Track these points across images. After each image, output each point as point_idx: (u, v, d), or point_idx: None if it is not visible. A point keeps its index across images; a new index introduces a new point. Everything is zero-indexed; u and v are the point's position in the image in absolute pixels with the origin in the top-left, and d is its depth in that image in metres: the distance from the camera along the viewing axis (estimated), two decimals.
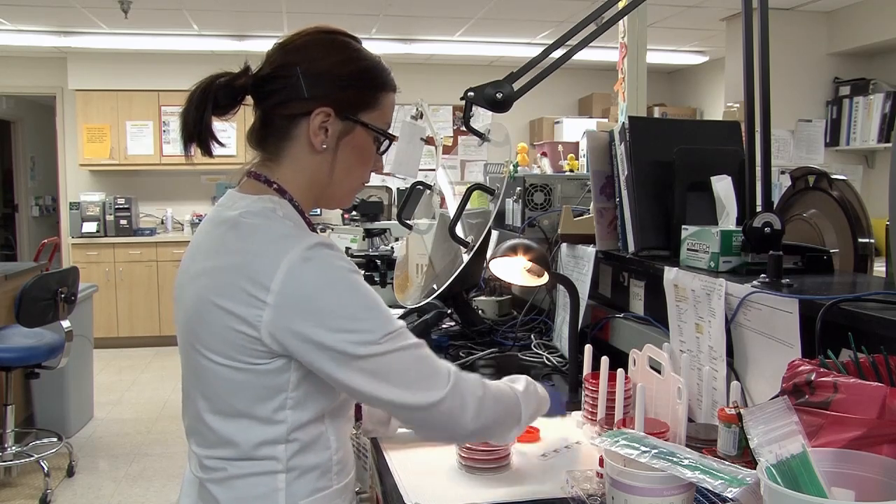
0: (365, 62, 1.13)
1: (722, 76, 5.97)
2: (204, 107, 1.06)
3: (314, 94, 1.08)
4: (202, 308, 1.04)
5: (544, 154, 4.04)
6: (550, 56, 1.48)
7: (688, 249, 1.53)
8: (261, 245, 1.02)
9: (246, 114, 1.14)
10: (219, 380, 1.05)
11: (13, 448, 3.68)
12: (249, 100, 1.12)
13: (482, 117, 6.01)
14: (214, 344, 1.03)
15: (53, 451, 3.81)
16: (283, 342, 1.00)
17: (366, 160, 1.16)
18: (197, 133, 1.07)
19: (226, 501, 1.08)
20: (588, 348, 1.54)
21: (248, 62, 1.11)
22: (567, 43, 1.50)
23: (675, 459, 0.97)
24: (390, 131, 1.17)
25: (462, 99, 1.43)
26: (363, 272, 2.79)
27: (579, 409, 1.52)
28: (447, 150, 7.48)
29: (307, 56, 1.09)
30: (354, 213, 3.68)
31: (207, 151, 1.10)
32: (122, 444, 4.27)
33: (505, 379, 1.24)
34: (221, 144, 1.11)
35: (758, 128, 1.40)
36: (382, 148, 1.17)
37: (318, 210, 1.31)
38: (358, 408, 1.29)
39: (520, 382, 1.23)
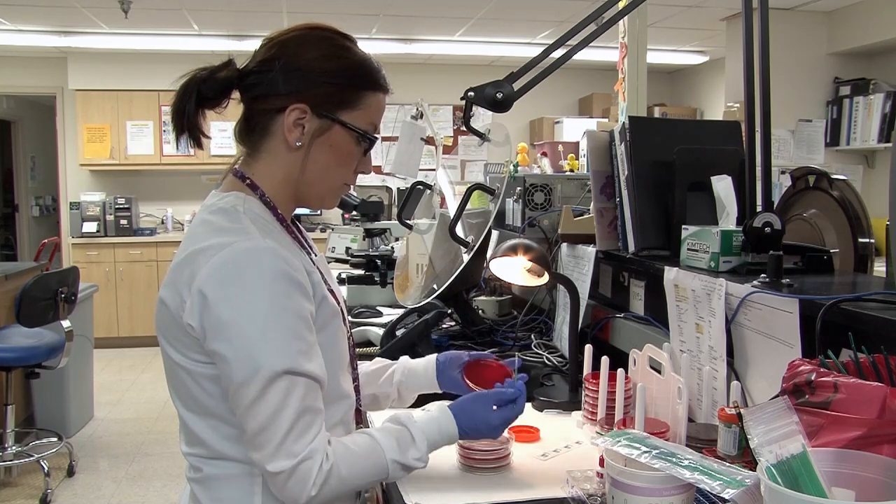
0: (348, 59, 1.10)
1: (722, 76, 5.97)
2: (186, 100, 1.07)
3: (290, 90, 1.06)
4: (158, 304, 1.07)
5: (544, 154, 4.04)
6: (550, 56, 1.48)
7: (688, 249, 1.53)
8: (200, 242, 1.02)
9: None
10: (179, 375, 1.06)
11: (13, 448, 3.68)
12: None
13: (482, 117, 6.01)
14: (168, 338, 1.05)
15: (53, 451, 3.82)
16: (196, 328, 0.99)
17: (344, 160, 1.12)
18: (185, 126, 1.08)
19: (206, 502, 1.07)
20: (588, 348, 1.54)
21: (233, 57, 1.10)
22: (567, 43, 1.50)
23: (675, 460, 0.97)
24: (380, 132, 1.14)
25: (462, 99, 1.43)
26: (363, 272, 2.80)
27: (579, 409, 1.52)
28: (447, 150, 7.48)
29: (288, 51, 1.08)
30: (355, 213, 3.67)
31: (197, 144, 1.10)
32: (122, 444, 4.27)
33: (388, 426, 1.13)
34: (207, 137, 1.11)
35: (758, 128, 1.40)
36: (368, 149, 1.14)
37: (319, 210, 1.31)
38: (358, 412, 1.26)
39: (409, 446, 1.10)
